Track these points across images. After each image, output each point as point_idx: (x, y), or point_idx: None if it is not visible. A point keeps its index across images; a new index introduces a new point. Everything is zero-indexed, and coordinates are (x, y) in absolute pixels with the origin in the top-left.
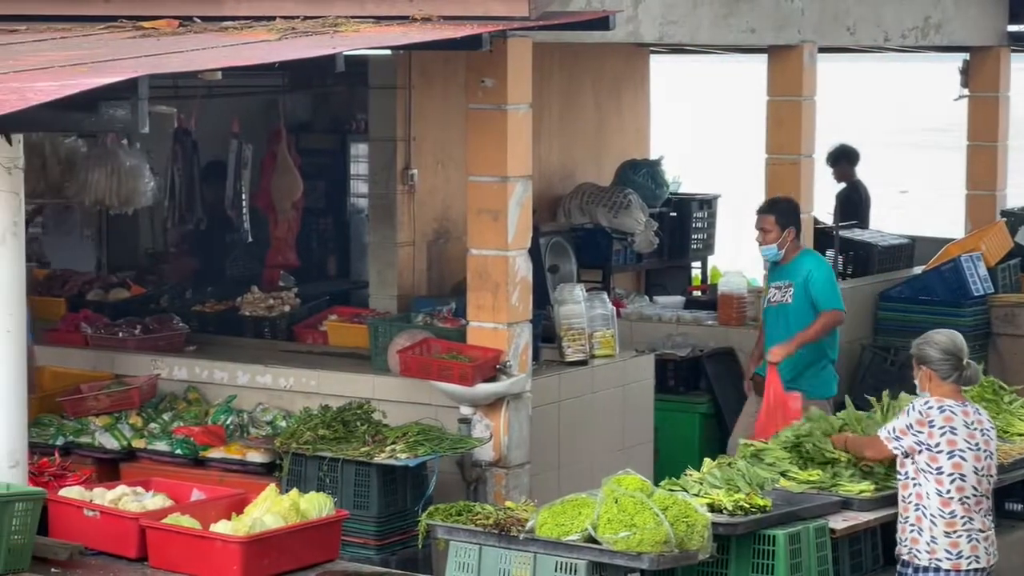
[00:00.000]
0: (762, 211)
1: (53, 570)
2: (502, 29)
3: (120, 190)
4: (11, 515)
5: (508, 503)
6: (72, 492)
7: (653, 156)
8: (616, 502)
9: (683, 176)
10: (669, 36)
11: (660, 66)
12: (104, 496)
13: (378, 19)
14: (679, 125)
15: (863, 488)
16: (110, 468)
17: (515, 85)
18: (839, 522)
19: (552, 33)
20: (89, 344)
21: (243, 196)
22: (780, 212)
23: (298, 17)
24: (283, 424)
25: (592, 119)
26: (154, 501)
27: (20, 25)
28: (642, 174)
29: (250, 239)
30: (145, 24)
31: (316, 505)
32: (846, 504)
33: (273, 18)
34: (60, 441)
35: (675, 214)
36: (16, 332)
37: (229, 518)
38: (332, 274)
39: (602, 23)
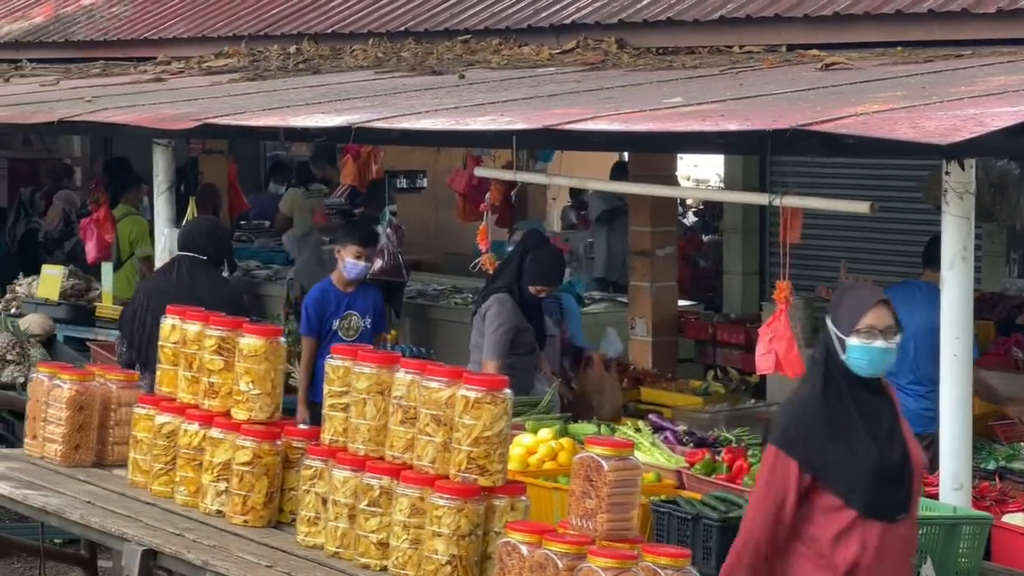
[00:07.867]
0: None
1: None
2: None
3: None
4: (958, 537)
5: None
6: (1015, 519)
7: None
8: None
9: None
10: None
11: None
12: None
13: None
14: None
15: None
16: None
17: None
18: None
19: None
20: (1020, 369)
21: None
22: None
23: None
24: None
25: None
26: None
27: (965, 50)
28: None
29: None
30: None
31: None
32: None
33: None
34: (992, 466)
35: None
36: (963, 356)
37: None
38: None
39: None
